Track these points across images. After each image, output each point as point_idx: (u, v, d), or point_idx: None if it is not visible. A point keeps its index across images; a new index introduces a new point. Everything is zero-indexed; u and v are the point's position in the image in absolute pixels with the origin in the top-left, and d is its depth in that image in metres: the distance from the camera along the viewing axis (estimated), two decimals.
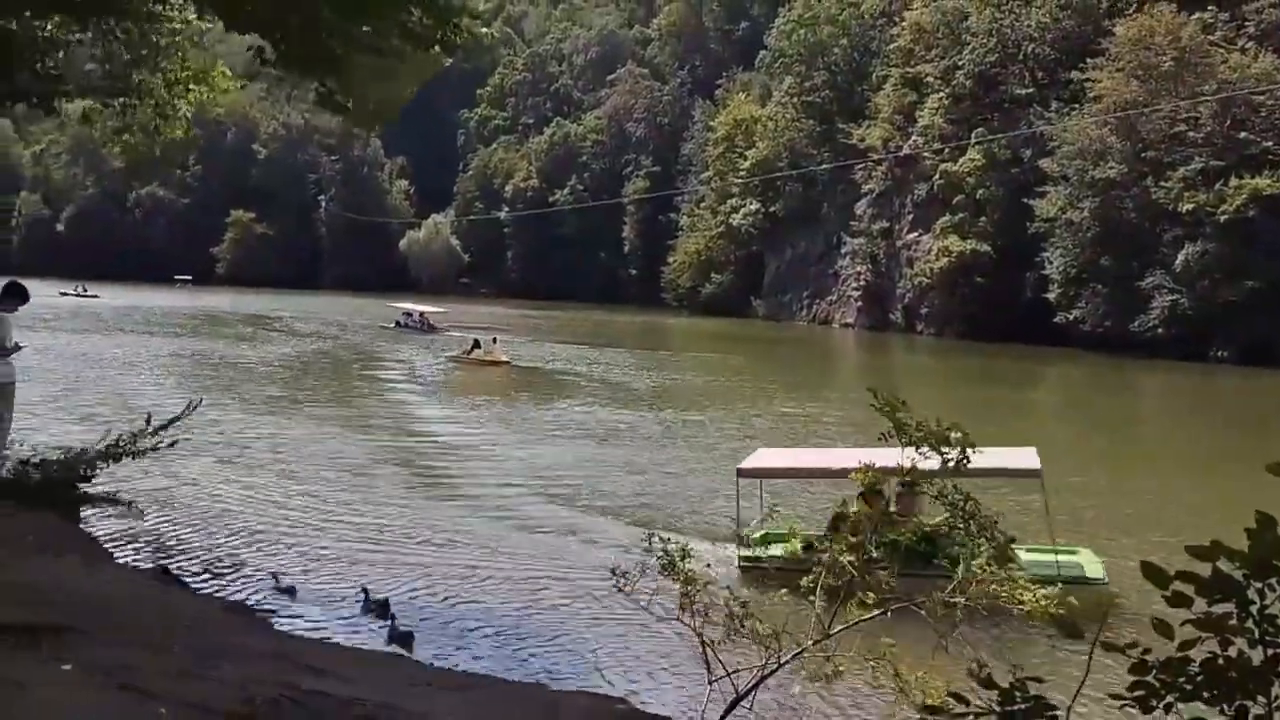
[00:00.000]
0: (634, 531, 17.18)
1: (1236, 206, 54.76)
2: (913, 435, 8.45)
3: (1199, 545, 2.62)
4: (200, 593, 13.82)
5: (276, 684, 7.53)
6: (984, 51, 73.81)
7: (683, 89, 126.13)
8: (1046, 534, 15.84)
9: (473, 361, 48.35)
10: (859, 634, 9.64)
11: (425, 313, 70.50)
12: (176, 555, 15.99)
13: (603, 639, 13.49)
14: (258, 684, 7.43)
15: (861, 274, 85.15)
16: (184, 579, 14.37)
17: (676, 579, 9.20)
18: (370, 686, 8.81)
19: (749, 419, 34.42)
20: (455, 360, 49.53)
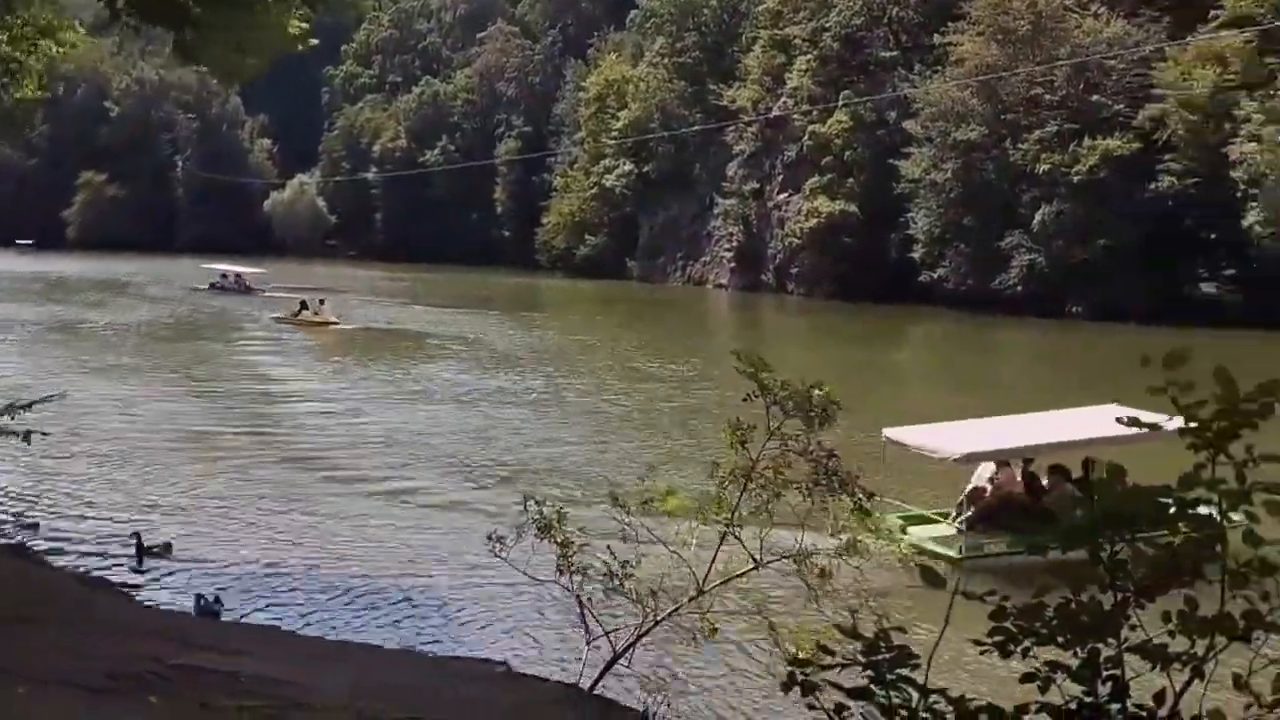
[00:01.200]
0: (510, 496, 17.17)
1: (1089, 167, 56.89)
2: (777, 395, 8.63)
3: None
4: (60, 569, 13.35)
5: (149, 659, 7.33)
6: (850, 14, 74.87)
7: (554, 48, 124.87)
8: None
9: (300, 322, 47.82)
10: (736, 590, 9.87)
11: (242, 274, 67.97)
12: (29, 532, 15.39)
13: (482, 604, 13.49)
14: (129, 660, 7.22)
15: (734, 235, 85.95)
16: (41, 555, 13.85)
17: (554, 541, 9.25)
18: (249, 659, 8.65)
19: (623, 380, 34.61)
20: (282, 322, 48.70)
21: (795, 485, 8.86)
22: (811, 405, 8.66)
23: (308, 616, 12.72)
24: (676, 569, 9.43)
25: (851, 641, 3.00)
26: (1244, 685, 2.89)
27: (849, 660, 2.99)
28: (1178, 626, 2.81)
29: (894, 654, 2.91)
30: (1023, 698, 2.89)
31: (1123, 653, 2.81)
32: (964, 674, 8.82)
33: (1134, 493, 2.70)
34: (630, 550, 9.81)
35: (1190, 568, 2.74)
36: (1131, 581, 2.78)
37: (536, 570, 9.95)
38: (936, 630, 3.31)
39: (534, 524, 9.24)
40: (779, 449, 8.89)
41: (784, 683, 3.04)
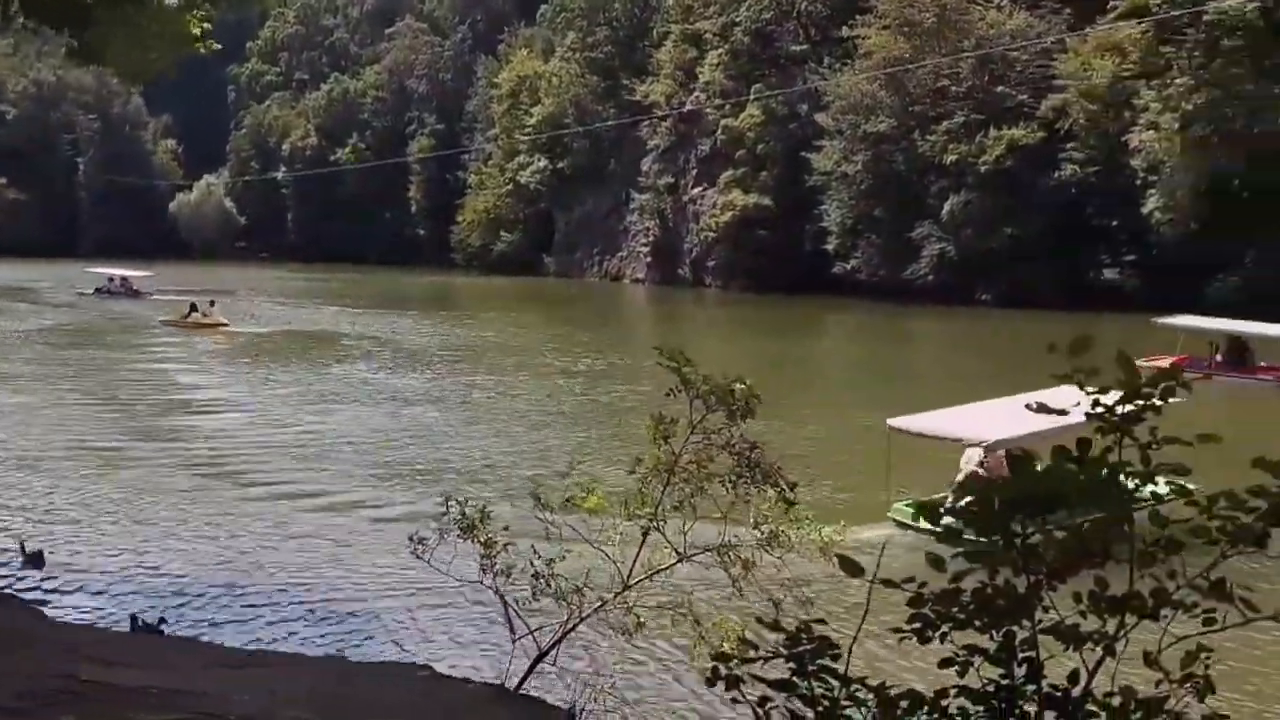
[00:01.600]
0: (431, 496, 17.03)
1: (996, 157, 58.12)
2: (699, 390, 8.67)
3: (964, 482, 2.80)
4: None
5: (62, 676, 7.13)
6: (759, 8, 75.48)
7: (464, 44, 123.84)
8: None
9: (189, 325, 47.22)
10: (662, 585, 9.89)
11: (129, 277, 66.42)
12: None
13: (405, 607, 13.35)
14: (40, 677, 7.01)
15: (650, 229, 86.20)
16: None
17: (477, 541, 9.18)
18: (161, 672, 8.45)
19: (542, 377, 34.51)
20: (170, 325, 47.95)
21: (718, 479, 8.91)
22: (734, 399, 8.72)
23: (225, 626, 12.48)
24: (601, 565, 9.43)
25: (774, 634, 3.03)
26: (1154, 662, 2.97)
27: (772, 653, 3.01)
28: (1089, 607, 2.87)
29: (815, 645, 2.94)
30: (942, 682, 2.94)
31: (1037, 634, 2.87)
32: (886, 661, 8.95)
33: (1044, 476, 2.75)
34: (555, 548, 9.79)
35: (1100, 549, 2.81)
36: (1044, 564, 2.84)
37: (460, 571, 9.87)
38: (858, 619, 3.36)
39: (456, 524, 9.16)
40: (701, 443, 8.92)
41: (708, 677, 3.05)
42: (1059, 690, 2.87)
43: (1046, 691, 2.87)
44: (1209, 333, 33.18)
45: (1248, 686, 10.77)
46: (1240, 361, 31.34)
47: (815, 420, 26.17)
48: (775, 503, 8.79)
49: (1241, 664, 10.64)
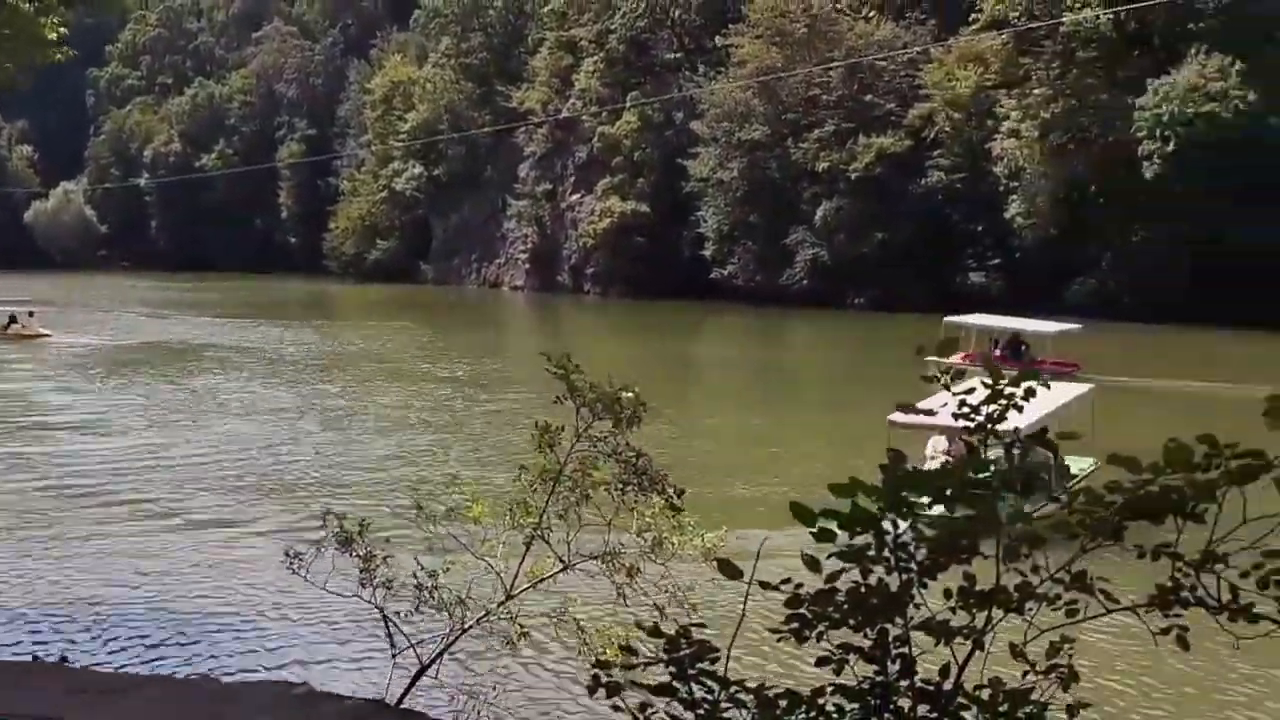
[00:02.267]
0: (308, 510, 16.68)
1: (865, 164, 59.54)
2: (586, 397, 8.68)
3: (839, 483, 2.86)
4: None
5: None
6: (634, 16, 75.92)
7: (335, 48, 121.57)
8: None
9: (8, 336, 45.65)
10: (546, 593, 9.86)
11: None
12: None
13: (282, 625, 13.04)
14: None
15: (528, 236, 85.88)
16: None
17: (356, 555, 9.03)
18: (28, 698, 8.10)
19: (422, 386, 34.06)
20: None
21: (604, 486, 8.92)
22: (620, 406, 8.73)
23: (93, 650, 12.01)
24: (484, 576, 9.37)
25: (655, 639, 3.05)
26: (1020, 654, 3.09)
27: (652, 658, 3.04)
28: (958, 602, 2.97)
29: (694, 649, 2.98)
30: (819, 681, 3.00)
31: (909, 631, 2.96)
32: (765, 662, 9.08)
33: (915, 476, 2.84)
34: (437, 559, 9.68)
35: (968, 545, 2.90)
36: (915, 562, 2.93)
37: (339, 586, 9.69)
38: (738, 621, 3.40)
39: (334, 538, 8.99)
40: (588, 450, 8.92)
41: (589, 685, 3.06)
42: (931, 685, 2.96)
43: (919, 686, 2.95)
44: (992, 330, 35.84)
45: (1110, 675, 11.24)
46: (1017, 356, 33.73)
47: (704, 421, 26.41)
48: (661, 509, 8.84)
49: (1104, 654, 11.10)
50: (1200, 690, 11.25)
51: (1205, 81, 46.33)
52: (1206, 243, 46.93)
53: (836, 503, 2.90)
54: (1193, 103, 46.13)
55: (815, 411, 30.10)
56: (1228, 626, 2.84)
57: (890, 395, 3.73)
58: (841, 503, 2.88)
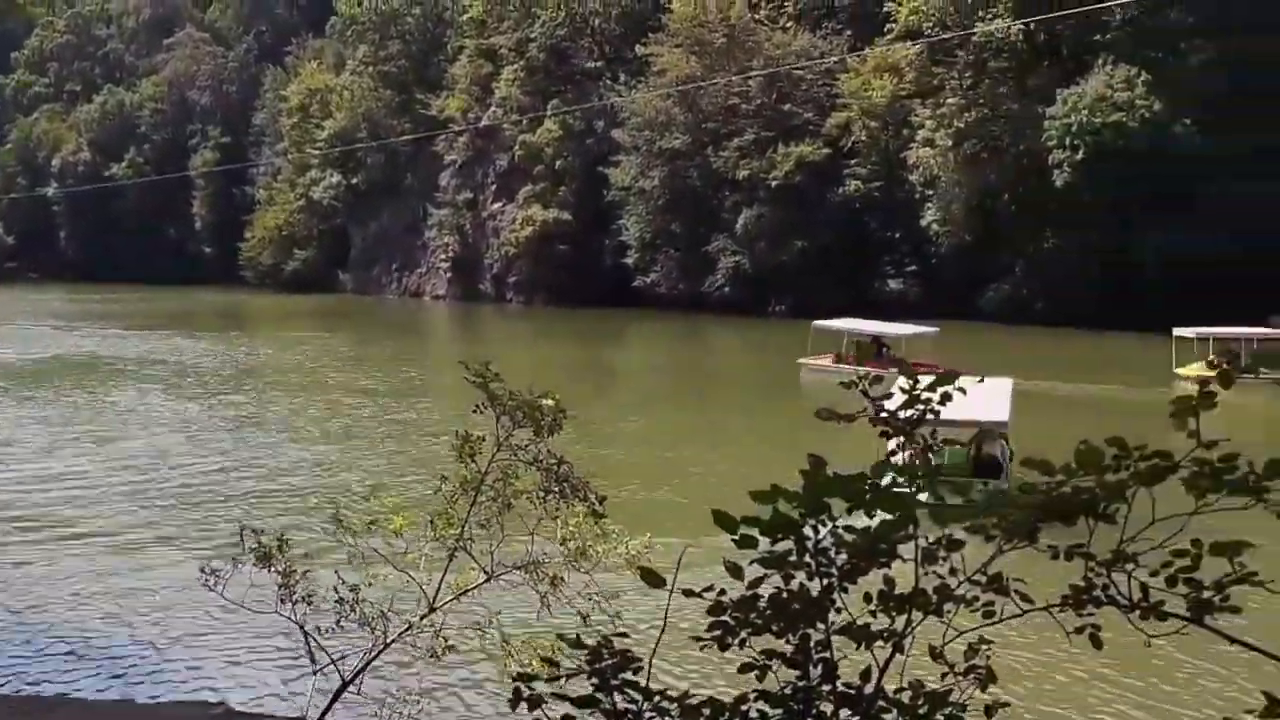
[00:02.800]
0: (226, 525, 16.36)
1: (785, 173, 60.17)
2: (506, 405, 8.61)
3: (760, 490, 2.87)
4: None
5: None
6: (554, 25, 75.87)
7: (250, 55, 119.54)
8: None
9: None
10: (470, 605, 9.76)
11: None
12: None
13: (199, 644, 12.76)
14: None
15: (449, 245, 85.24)
16: None
17: (275, 570, 8.85)
18: None
19: (342, 397, 33.60)
20: None
21: (526, 494, 8.86)
22: (541, 414, 8.68)
23: (2, 675, 11.63)
24: (407, 588, 9.24)
25: (578, 650, 3.03)
26: (939, 656, 3.13)
27: (575, 670, 3.02)
28: (878, 606, 3.00)
29: (617, 659, 2.96)
30: (743, 688, 3.00)
31: (831, 635, 2.97)
32: (689, 670, 9.10)
33: (833, 481, 2.85)
34: (359, 573, 9.53)
35: (887, 549, 2.93)
36: (835, 567, 2.95)
37: (258, 602, 9.49)
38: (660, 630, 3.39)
39: (251, 553, 8.80)
40: (509, 459, 8.85)
41: (511, 699, 3.03)
42: (852, 688, 2.98)
43: (841, 690, 2.97)
44: (857, 333, 38.58)
45: (1028, 675, 11.46)
46: (879, 356, 36.51)
47: (626, 428, 26.41)
48: (584, 517, 8.80)
49: (1021, 654, 11.31)
50: (1113, 687, 11.52)
51: (1112, 92, 47.62)
52: (1114, 250, 48.23)
53: (759, 509, 2.91)
54: (1100, 112, 47.37)
55: (737, 415, 30.27)
56: (1138, 624, 2.90)
57: (810, 400, 3.76)
58: (764, 509, 2.89)
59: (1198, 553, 2.85)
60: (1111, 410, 27.22)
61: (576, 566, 8.88)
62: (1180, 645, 3.29)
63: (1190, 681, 11.45)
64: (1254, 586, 2.83)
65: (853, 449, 3.35)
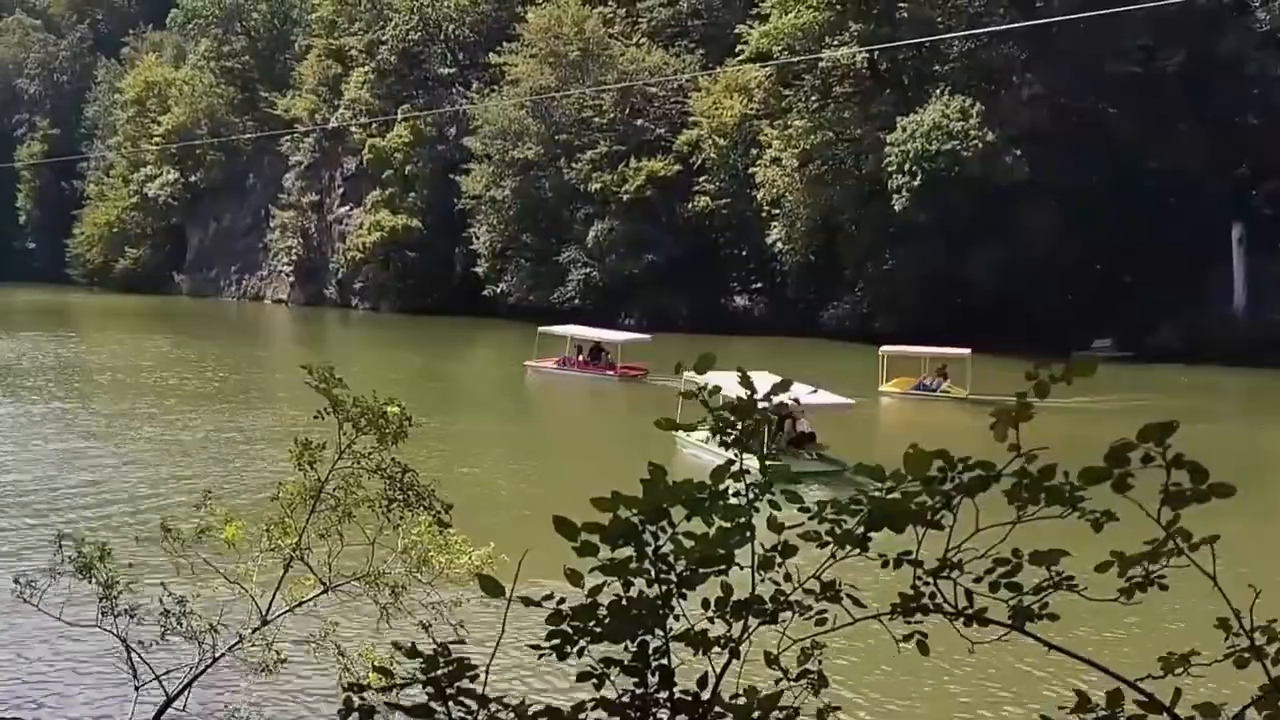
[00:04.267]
0: (43, 533, 15.54)
1: (637, 187, 60.66)
2: (349, 412, 8.44)
3: (601, 497, 2.87)
4: None
5: None
6: (407, 29, 74.74)
7: (83, 44, 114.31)
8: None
9: None
10: (307, 618, 9.50)
11: None
12: None
13: (12, 657, 12.07)
14: None
15: (293, 248, 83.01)
16: None
17: (96, 581, 8.48)
18: None
19: (174, 401, 32.32)
20: None
21: (368, 504, 8.70)
22: (386, 421, 8.54)
23: None
24: (239, 600, 8.95)
25: (412, 659, 2.98)
26: (774, 661, 3.18)
27: (409, 679, 2.96)
28: (716, 612, 3.03)
29: (453, 668, 2.92)
30: (581, 696, 3.00)
31: (669, 642, 2.99)
32: (528, 679, 9.04)
33: (673, 488, 2.88)
34: (187, 585, 9.18)
35: (725, 555, 2.96)
36: (674, 573, 2.97)
37: (77, 615, 9.05)
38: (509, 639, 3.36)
39: (71, 564, 8.40)
40: (351, 467, 8.67)
41: (341, 710, 2.95)
42: (689, 695, 3.00)
43: (678, 697, 2.99)
44: (579, 338, 42.50)
45: (859, 679, 11.79)
46: (597, 360, 41.20)
47: (473, 436, 26.15)
48: (428, 526, 8.69)
49: (853, 659, 11.63)
50: (940, 691, 11.96)
51: (948, 120, 49.56)
52: (949, 272, 50.20)
53: (599, 515, 2.91)
54: (936, 140, 49.25)
55: (579, 425, 30.44)
56: (963, 631, 3.01)
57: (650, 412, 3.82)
58: (604, 515, 2.89)
59: (1018, 561, 2.98)
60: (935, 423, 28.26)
61: (418, 577, 8.76)
62: (1003, 650, 3.44)
63: (1012, 684, 11.97)
64: (1070, 592, 2.97)
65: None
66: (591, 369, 41.03)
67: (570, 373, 40.96)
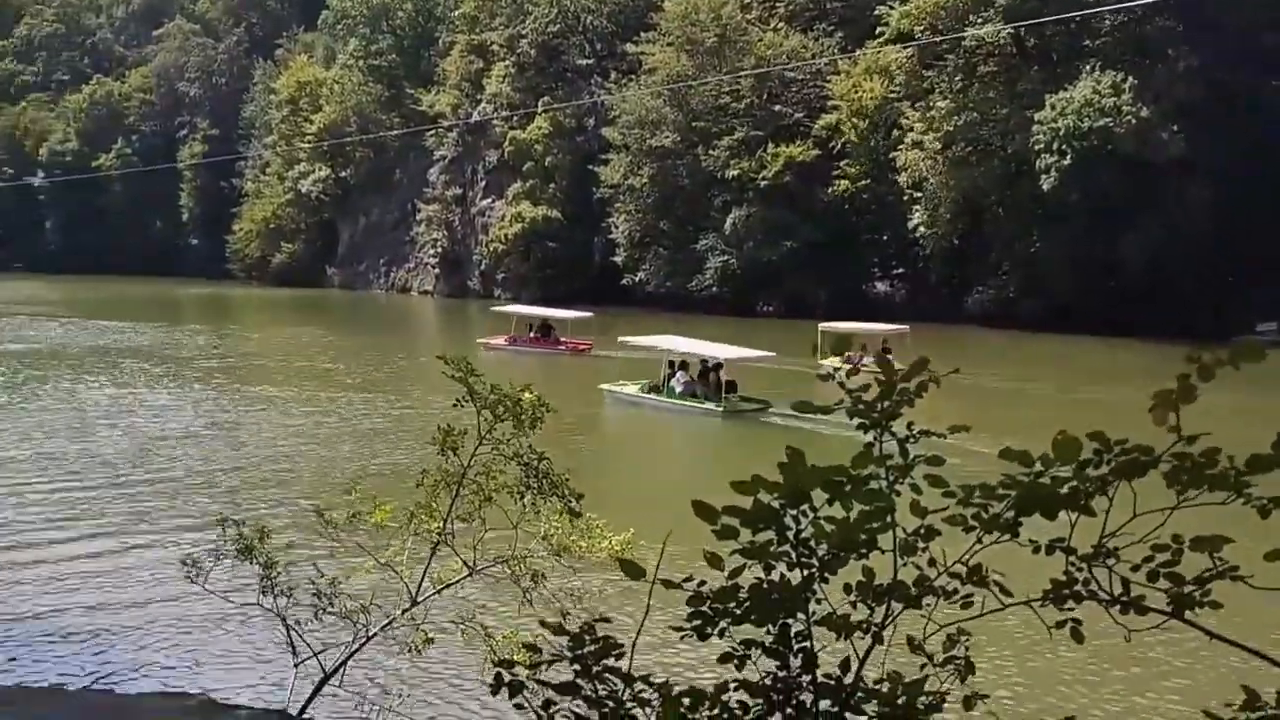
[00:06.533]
0: (208, 517, 16.30)
1: (775, 173, 60.21)
2: (486, 400, 8.60)
3: (741, 480, 2.86)
4: None
5: None
6: (546, 21, 75.73)
7: (239, 48, 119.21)
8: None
9: None
10: (452, 599, 9.75)
11: None
12: None
13: (180, 634, 12.72)
14: None
15: (438, 241, 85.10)
16: None
17: (256, 562, 8.84)
18: None
19: (325, 391, 33.51)
20: None
21: (507, 489, 8.85)
22: (521, 409, 8.68)
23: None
24: (389, 582, 9.23)
25: (559, 638, 3.03)
26: (918, 647, 3.13)
27: (556, 656, 3.01)
28: (858, 597, 3.00)
29: (599, 646, 2.96)
30: (722, 677, 3.00)
31: (811, 626, 2.97)
32: (669, 660, 9.09)
33: (813, 472, 2.85)
34: (340, 566, 9.51)
35: (866, 540, 2.93)
36: (816, 557, 2.94)
37: (239, 594, 9.47)
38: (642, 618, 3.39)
39: (233, 546, 8.78)
40: (490, 453, 8.84)
41: (492, 685, 3.02)
42: (832, 679, 2.98)
43: (821, 681, 2.97)
44: (528, 316, 47.08)
45: (1007, 667, 11.50)
46: (547, 337, 44.83)
47: (602, 420, 26.40)
48: (560, 514, 8.80)
49: (1001, 646, 11.35)
50: (1093, 680, 11.57)
51: (1099, 97, 47.76)
52: (1100, 254, 48.42)
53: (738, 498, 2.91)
54: (1088, 117, 47.51)
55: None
56: (1119, 619, 2.90)
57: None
58: (743, 499, 2.89)
59: (1179, 548, 2.86)
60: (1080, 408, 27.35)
61: (560, 561, 8.89)
62: (1161, 640, 3.31)
63: (1171, 676, 11.51)
64: (1235, 581, 2.84)
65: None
66: (541, 344, 44.31)
67: (521, 349, 43.98)
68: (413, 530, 9.02)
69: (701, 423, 28.82)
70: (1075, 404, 29.68)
